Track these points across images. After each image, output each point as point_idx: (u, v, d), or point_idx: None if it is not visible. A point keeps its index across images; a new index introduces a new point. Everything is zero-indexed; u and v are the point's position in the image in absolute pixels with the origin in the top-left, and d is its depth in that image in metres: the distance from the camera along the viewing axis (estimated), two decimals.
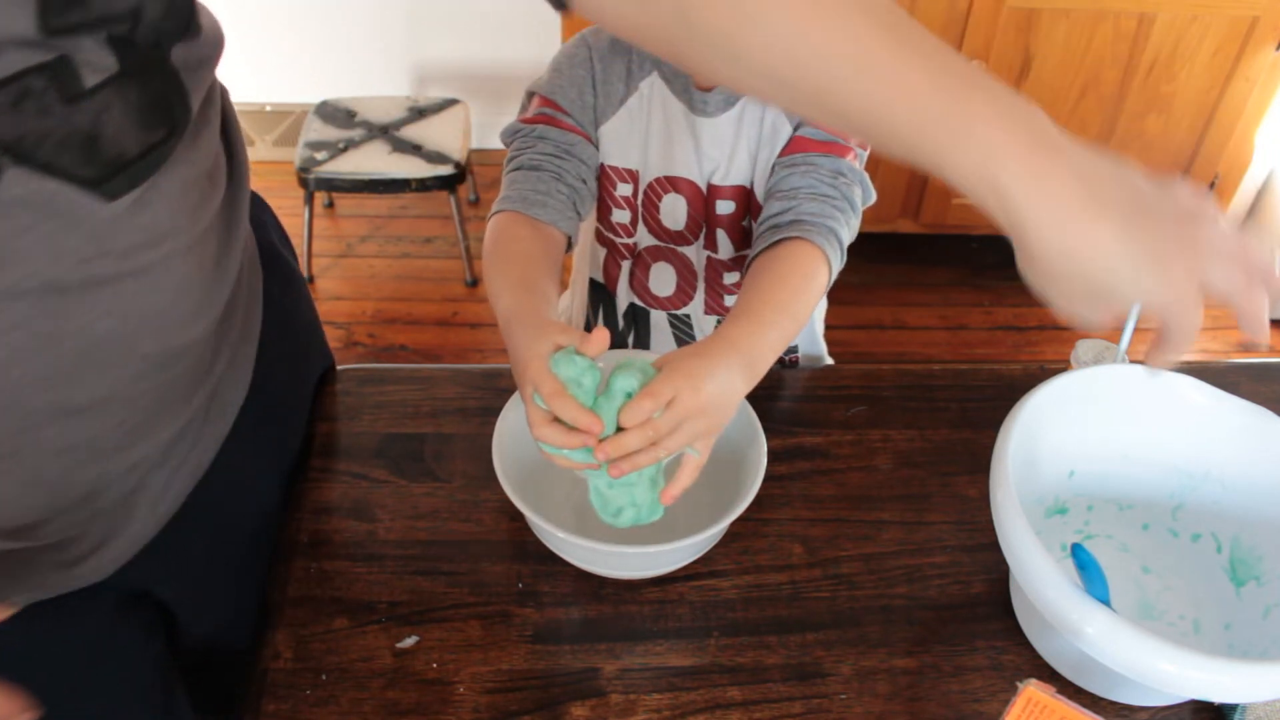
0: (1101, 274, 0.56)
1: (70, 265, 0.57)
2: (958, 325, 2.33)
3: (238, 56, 2.68)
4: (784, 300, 0.81)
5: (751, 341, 0.76)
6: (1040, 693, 0.64)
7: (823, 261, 0.86)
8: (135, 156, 0.58)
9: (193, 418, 0.74)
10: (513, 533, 0.87)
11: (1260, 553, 0.80)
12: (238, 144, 0.78)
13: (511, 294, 0.80)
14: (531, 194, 0.89)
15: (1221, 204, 2.26)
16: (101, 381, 0.62)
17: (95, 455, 0.66)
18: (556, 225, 0.89)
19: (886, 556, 0.87)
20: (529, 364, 0.71)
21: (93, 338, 0.60)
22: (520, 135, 0.94)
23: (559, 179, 0.91)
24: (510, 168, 0.92)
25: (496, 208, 0.90)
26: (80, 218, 0.56)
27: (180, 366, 0.68)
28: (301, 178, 2.24)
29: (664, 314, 1.08)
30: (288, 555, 0.85)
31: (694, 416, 0.71)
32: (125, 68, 0.56)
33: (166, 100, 0.60)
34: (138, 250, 0.60)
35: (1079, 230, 0.55)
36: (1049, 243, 0.56)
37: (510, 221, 0.88)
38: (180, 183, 0.63)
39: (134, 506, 0.72)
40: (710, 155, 0.95)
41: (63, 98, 0.53)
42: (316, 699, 0.75)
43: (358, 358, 2.16)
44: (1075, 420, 0.83)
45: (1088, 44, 2.01)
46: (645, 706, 0.76)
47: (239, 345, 0.78)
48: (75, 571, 0.70)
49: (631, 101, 0.95)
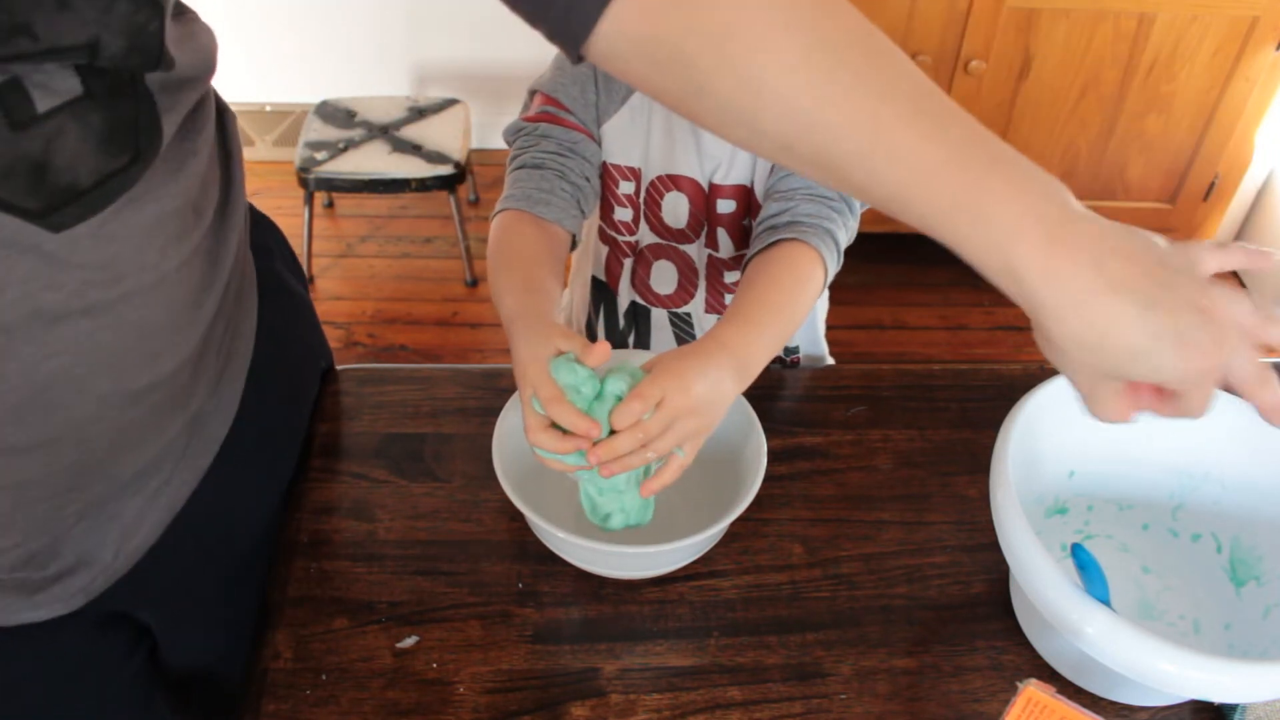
0: (1121, 354, 0.55)
1: (11, 300, 0.53)
2: (958, 325, 2.33)
3: (238, 56, 2.69)
4: (778, 302, 0.82)
5: (743, 343, 0.77)
6: (1040, 693, 0.64)
7: (818, 263, 0.86)
8: (90, 186, 0.54)
9: (167, 451, 0.70)
10: (513, 533, 0.87)
11: (1260, 553, 0.80)
12: (236, 173, 0.74)
13: (515, 294, 0.79)
14: (535, 192, 0.89)
15: (1221, 204, 2.26)
16: (47, 422, 0.58)
17: (48, 493, 0.62)
18: (560, 224, 0.89)
19: (886, 556, 0.87)
20: (529, 366, 0.72)
21: (37, 378, 0.56)
22: (523, 134, 0.94)
23: (562, 177, 0.91)
24: (513, 166, 0.92)
25: (500, 206, 0.90)
26: (23, 250, 0.52)
27: (146, 404, 0.65)
28: (301, 178, 2.24)
29: (665, 312, 1.08)
30: (288, 555, 0.85)
31: (684, 417, 0.71)
32: (90, 91, 0.52)
33: (134, 124, 0.56)
34: (91, 287, 0.56)
35: (1095, 312, 0.54)
36: (1065, 324, 0.55)
37: (514, 220, 0.88)
38: (151, 216, 0.59)
39: (103, 537, 0.69)
40: (711, 154, 0.95)
41: (10, 123, 0.49)
42: (316, 699, 0.75)
43: (358, 358, 2.16)
44: (1075, 420, 0.83)
45: (1088, 44, 2.01)
46: (645, 706, 0.76)
47: (223, 378, 0.75)
48: (37, 599, 0.68)
49: (634, 99, 0.95)
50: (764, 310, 0.80)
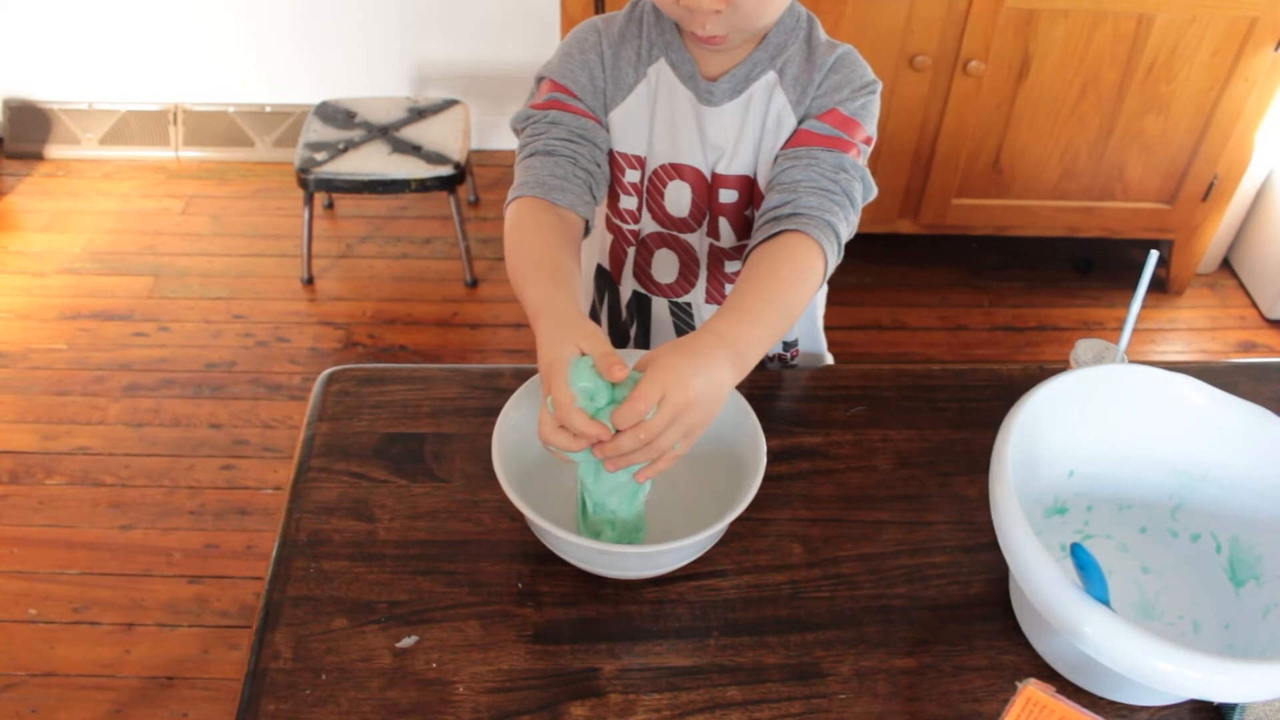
0: None
1: None
2: (957, 326, 2.33)
3: (238, 57, 2.69)
4: (776, 294, 0.82)
5: (740, 334, 0.77)
6: (1040, 693, 0.64)
7: (818, 256, 0.85)
8: None
9: None
10: (513, 533, 0.87)
11: (1259, 553, 0.80)
12: None
13: (538, 283, 0.80)
14: (549, 179, 0.89)
15: (1220, 204, 2.26)
16: None
17: None
18: (575, 209, 0.89)
19: (886, 556, 0.87)
20: (550, 367, 0.73)
21: None
22: (532, 121, 0.94)
23: (575, 163, 0.91)
24: (525, 154, 0.92)
25: (515, 194, 0.89)
26: None
27: None
28: (301, 178, 2.24)
29: (665, 303, 1.08)
30: (288, 555, 0.85)
31: (684, 413, 0.72)
32: None
33: None
34: None
35: None
36: None
37: (532, 207, 0.88)
38: None
39: None
40: (715, 144, 0.96)
41: None
42: (316, 699, 0.75)
43: (357, 358, 2.16)
44: (1074, 420, 0.83)
45: (1087, 44, 2.01)
46: (645, 706, 0.76)
47: None
48: None
49: (640, 88, 0.95)
50: (761, 302, 0.80)
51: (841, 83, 0.91)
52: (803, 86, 0.92)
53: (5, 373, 2.12)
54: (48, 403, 2.06)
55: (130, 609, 1.71)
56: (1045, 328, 2.34)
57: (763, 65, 0.92)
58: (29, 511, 1.86)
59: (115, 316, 2.26)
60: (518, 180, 0.91)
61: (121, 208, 2.56)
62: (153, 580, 1.76)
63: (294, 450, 0.95)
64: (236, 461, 1.95)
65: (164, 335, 2.22)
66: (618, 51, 0.94)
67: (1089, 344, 0.97)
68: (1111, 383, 0.83)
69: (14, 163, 2.69)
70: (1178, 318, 2.39)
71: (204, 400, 2.07)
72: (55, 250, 2.43)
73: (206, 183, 2.64)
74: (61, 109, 2.69)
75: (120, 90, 2.67)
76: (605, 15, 0.97)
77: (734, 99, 0.93)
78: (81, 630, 1.68)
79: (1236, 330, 2.36)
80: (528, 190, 0.89)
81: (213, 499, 1.89)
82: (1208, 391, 0.82)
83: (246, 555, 1.80)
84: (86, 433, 2.00)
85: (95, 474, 1.92)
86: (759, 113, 0.93)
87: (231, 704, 0.78)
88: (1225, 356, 2.31)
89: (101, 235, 2.47)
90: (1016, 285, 2.43)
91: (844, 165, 0.90)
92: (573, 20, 1.98)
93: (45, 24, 2.58)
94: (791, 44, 0.92)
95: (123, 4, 2.53)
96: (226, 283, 2.36)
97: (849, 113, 0.91)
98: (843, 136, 0.91)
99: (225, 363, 2.16)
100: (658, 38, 0.94)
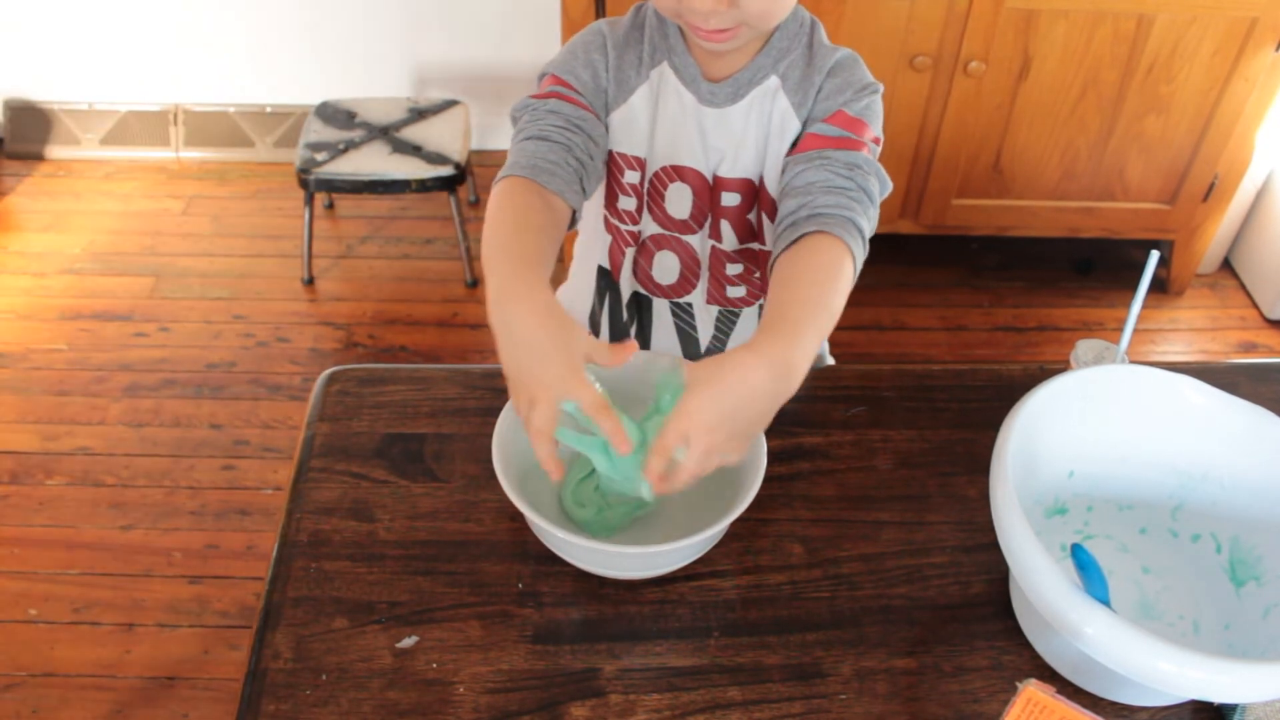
0: None
1: None
2: (957, 326, 2.33)
3: (239, 58, 2.69)
4: (814, 297, 0.80)
5: (783, 347, 0.75)
6: (1040, 693, 0.64)
7: (845, 252, 0.83)
8: None
9: None
10: (513, 533, 0.87)
11: (1260, 553, 0.80)
12: None
13: (511, 265, 0.78)
14: (541, 162, 0.88)
15: (1221, 204, 2.26)
16: None
17: None
18: (563, 196, 0.87)
19: (886, 557, 0.87)
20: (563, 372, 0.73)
21: None
22: (530, 110, 0.93)
23: (569, 151, 0.90)
24: (519, 138, 0.91)
25: (504, 173, 0.88)
26: None
27: None
28: (302, 179, 2.24)
29: (666, 303, 1.08)
30: (288, 555, 0.85)
31: (714, 446, 0.72)
32: None
33: None
34: None
35: None
36: None
37: (520, 187, 0.86)
38: None
39: None
40: (717, 146, 0.95)
41: None
42: (316, 699, 0.75)
43: (357, 359, 2.16)
44: (1074, 420, 0.83)
45: (1087, 45, 2.01)
46: (645, 707, 0.76)
47: None
48: None
49: (642, 89, 0.95)
50: (800, 307, 0.78)
51: (843, 85, 0.91)
52: (804, 90, 0.92)
53: (6, 373, 2.12)
54: (48, 403, 2.06)
55: (130, 609, 1.71)
56: (1045, 328, 2.34)
57: (766, 69, 0.92)
58: (29, 512, 1.86)
59: (116, 317, 2.26)
60: (509, 161, 0.89)
61: (122, 208, 2.56)
62: (153, 580, 1.76)
63: (294, 450, 0.95)
64: (237, 462, 1.96)
65: (164, 336, 2.22)
66: (622, 54, 0.94)
67: (1089, 344, 0.97)
68: (1112, 383, 0.83)
69: (14, 163, 2.69)
70: (1178, 318, 2.39)
71: (204, 400, 2.08)
72: (56, 251, 2.43)
73: (207, 183, 2.64)
74: (62, 109, 2.69)
75: (121, 91, 2.68)
76: (611, 19, 0.97)
77: (736, 102, 0.93)
78: (82, 630, 1.68)
79: (1237, 331, 2.36)
80: (517, 170, 0.87)
81: (213, 499, 1.89)
82: (1208, 392, 0.82)
83: (247, 555, 1.80)
84: (87, 433, 2.00)
85: (96, 474, 1.93)
86: (762, 116, 0.93)
87: (232, 704, 0.78)
88: (1226, 357, 2.31)
89: (102, 236, 2.48)
90: (1017, 286, 2.43)
91: (857, 162, 0.88)
92: (573, 21, 1.98)
93: (45, 24, 2.58)
94: (795, 48, 0.92)
95: (123, 4, 2.53)
96: (227, 283, 2.36)
97: (855, 113, 0.91)
98: (851, 136, 0.90)
99: (225, 363, 2.16)
100: (660, 42, 0.94)
